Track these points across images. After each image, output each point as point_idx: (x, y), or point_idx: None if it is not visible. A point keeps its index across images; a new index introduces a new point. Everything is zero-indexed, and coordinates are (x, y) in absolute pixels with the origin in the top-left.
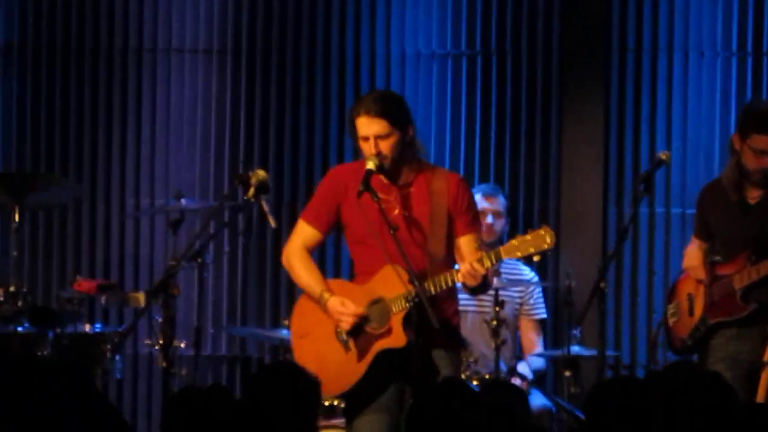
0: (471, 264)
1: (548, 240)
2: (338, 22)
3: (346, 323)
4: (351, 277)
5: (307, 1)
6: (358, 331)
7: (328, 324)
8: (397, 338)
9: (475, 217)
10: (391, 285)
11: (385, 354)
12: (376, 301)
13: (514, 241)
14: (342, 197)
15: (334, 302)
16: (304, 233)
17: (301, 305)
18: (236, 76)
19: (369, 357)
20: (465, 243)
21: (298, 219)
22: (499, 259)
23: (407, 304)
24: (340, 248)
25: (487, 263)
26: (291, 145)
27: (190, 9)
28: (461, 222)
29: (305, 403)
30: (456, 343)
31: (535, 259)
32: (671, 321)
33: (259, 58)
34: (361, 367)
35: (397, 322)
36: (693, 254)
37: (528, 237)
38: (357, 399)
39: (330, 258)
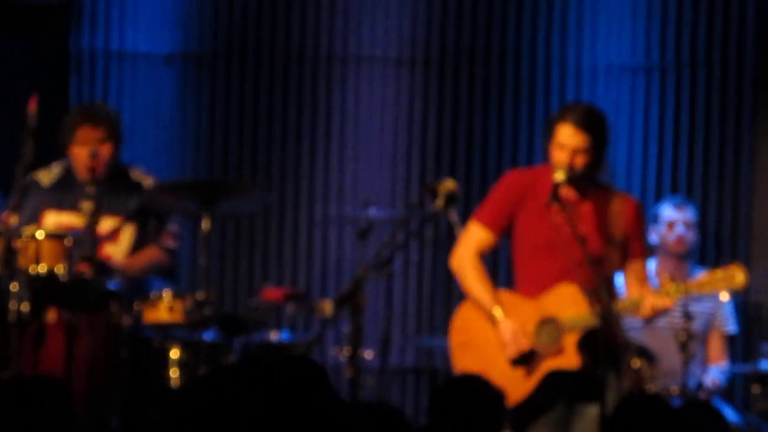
0: (661, 298)
1: (739, 279)
2: (530, 32)
3: (513, 352)
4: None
5: (499, 10)
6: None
7: (494, 335)
8: (570, 359)
9: (646, 244)
10: (565, 304)
11: (555, 373)
12: (548, 320)
13: (704, 278)
14: (520, 204)
15: (506, 329)
16: (478, 236)
17: (465, 311)
18: (427, 85)
19: (538, 375)
20: (639, 267)
21: (470, 221)
22: (686, 294)
23: (591, 323)
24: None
25: (676, 297)
26: (480, 155)
27: (381, 17)
28: (635, 246)
29: (490, 415)
30: (621, 363)
31: (723, 299)
32: None
33: (449, 68)
34: (530, 384)
35: (570, 342)
36: None
37: (719, 274)
38: (524, 414)
39: (503, 266)
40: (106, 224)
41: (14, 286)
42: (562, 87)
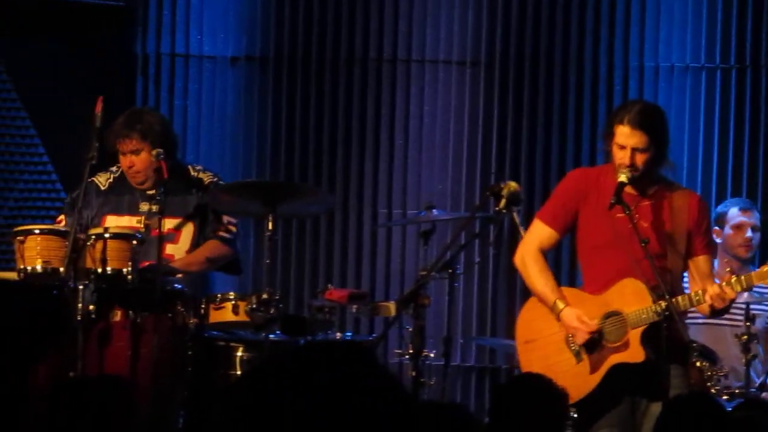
0: (722, 287)
1: None
2: (593, 33)
3: (581, 338)
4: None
5: (561, 12)
6: (591, 342)
7: (558, 331)
8: (635, 353)
9: (711, 239)
10: (628, 299)
11: (619, 368)
12: (612, 314)
13: (765, 267)
14: (582, 202)
15: (569, 315)
16: (540, 233)
17: (529, 309)
18: (489, 87)
19: (602, 370)
20: (702, 263)
21: (534, 218)
22: (750, 286)
23: (655, 318)
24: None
25: (738, 288)
26: (542, 157)
27: (444, 20)
28: (699, 242)
29: (553, 415)
30: (686, 359)
31: None
32: None
33: (512, 70)
34: (594, 379)
35: (635, 336)
36: None
37: None
38: (589, 411)
39: (566, 264)
40: (166, 225)
41: (81, 287)
42: (624, 89)
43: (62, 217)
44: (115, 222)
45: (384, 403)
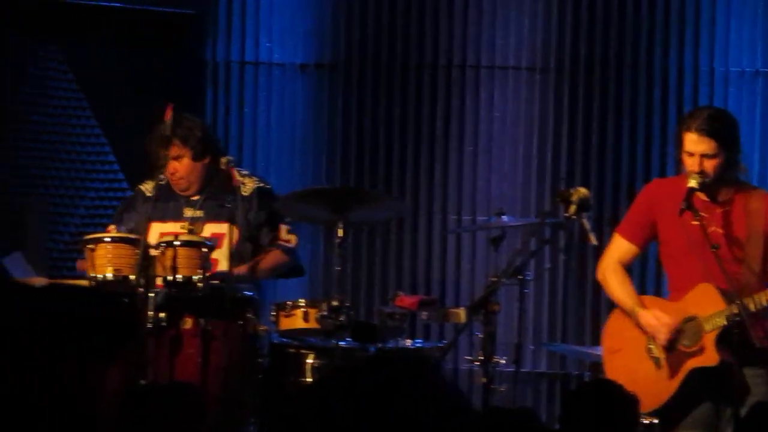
0: None
1: None
2: (662, 38)
3: (662, 336)
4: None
5: (631, 17)
6: (671, 348)
7: (640, 340)
8: (709, 357)
9: None
10: (704, 303)
11: (697, 372)
12: (689, 319)
13: None
14: (659, 212)
15: (646, 316)
16: (619, 247)
17: (614, 320)
18: (559, 93)
19: (681, 375)
20: None
21: (614, 232)
22: None
23: (725, 322)
24: (646, 264)
25: None
26: (612, 162)
27: (514, 27)
28: None
29: (623, 420)
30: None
31: None
32: None
33: (582, 76)
34: (673, 385)
35: (709, 341)
36: None
37: None
38: (670, 416)
39: (652, 273)
40: (209, 231)
41: (151, 294)
42: (694, 93)
43: (112, 226)
44: (159, 229)
45: (446, 415)
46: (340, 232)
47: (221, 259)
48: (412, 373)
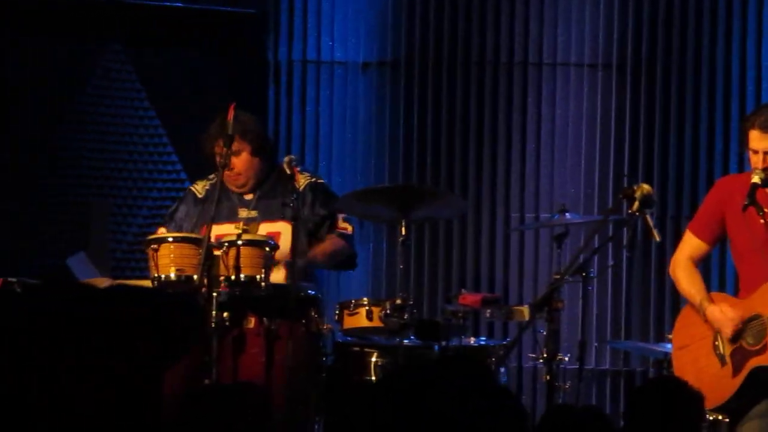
0: None
1: None
2: (724, 33)
3: (728, 330)
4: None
5: (692, 13)
6: (736, 346)
7: (708, 337)
8: None
9: None
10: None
11: (759, 370)
12: (754, 318)
13: None
14: (727, 209)
15: (712, 310)
16: (690, 244)
17: (684, 316)
18: (621, 89)
19: (744, 372)
20: None
21: (686, 229)
22: None
23: None
24: (725, 261)
25: None
26: (675, 159)
27: (575, 23)
28: None
29: (688, 417)
30: None
31: None
32: None
33: (644, 72)
34: (736, 382)
35: None
36: None
37: None
38: (733, 413)
39: (715, 271)
40: (264, 230)
41: (214, 294)
42: (757, 89)
43: (163, 228)
44: (214, 231)
45: (499, 418)
46: (403, 231)
47: (278, 257)
48: (456, 373)
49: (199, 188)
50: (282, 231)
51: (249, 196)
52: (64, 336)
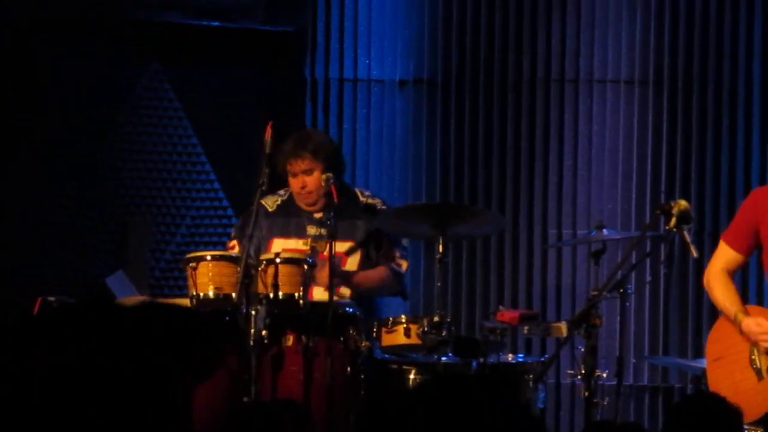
0: None
1: None
2: (761, 51)
3: (765, 343)
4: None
5: (728, 30)
6: None
7: (743, 349)
8: None
9: None
10: None
11: None
12: None
13: None
14: (762, 219)
15: (748, 323)
16: (724, 255)
17: (719, 328)
18: (658, 105)
19: None
20: None
21: (720, 239)
22: None
23: None
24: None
25: None
26: (712, 175)
27: (612, 40)
28: None
29: None
30: None
31: None
32: None
33: (680, 88)
34: None
35: None
36: None
37: None
38: None
39: (753, 280)
40: (335, 248)
41: (253, 312)
42: None
43: (234, 242)
44: (282, 245)
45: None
46: (441, 248)
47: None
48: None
49: (270, 203)
50: (351, 253)
51: (319, 214)
52: (94, 354)
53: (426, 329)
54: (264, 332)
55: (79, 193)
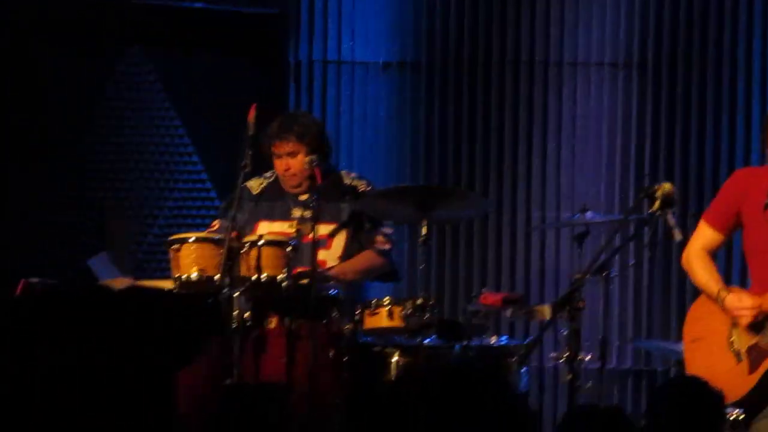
0: None
1: None
2: (746, 33)
3: (747, 318)
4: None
5: (714, 12)
6: (753, 343)
7: (722, 331)
8: None
9: None
10: None
11: None
12: None
13: None
14: (743, 202)
15: (731, 299)
16: (705, 234)
17: (697, 309)
18: (642, 89)
19: (761, 370)
20: None
21: (700, 219)
22: None
23: None
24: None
25: None
26: (696, 158)
27: (596, 23)
28: None
29: (709, 417)
30: None
31: None
32: None
33: (665, 71)
34: (752, 380)
35: None
36: None
37: None
38: (750, 409)
39: (737, 263)
40: (319, 231)
41: (236, 294)
42: None
43: (217, 222)
44: (267, 228)
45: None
46: (424, 231)
47: (329, 261)
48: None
49: (254, 185)
50: (336, 234)
51: (304, 196)
52: (75, 337)
53: (409, 312)
54: (247, 315)
55: (61, 178)
